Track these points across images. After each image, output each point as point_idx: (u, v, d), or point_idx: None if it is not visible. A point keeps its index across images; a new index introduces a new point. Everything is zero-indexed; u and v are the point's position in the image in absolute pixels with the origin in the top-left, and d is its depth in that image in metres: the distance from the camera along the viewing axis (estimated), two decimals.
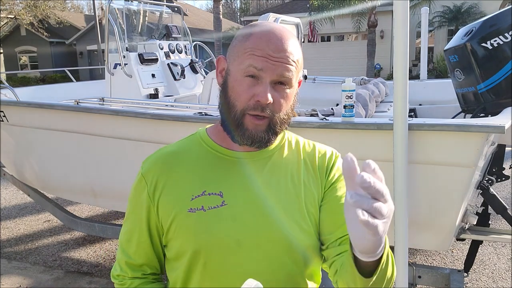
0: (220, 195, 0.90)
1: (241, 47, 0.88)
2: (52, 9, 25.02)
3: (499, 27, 2.29)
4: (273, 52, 0.85)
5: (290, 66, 0.86)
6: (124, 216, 1.02)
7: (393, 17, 1.88)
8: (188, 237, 0.90)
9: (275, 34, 0.87)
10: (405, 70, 1.88)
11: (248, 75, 0.86)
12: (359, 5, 15.26)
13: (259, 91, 0.85)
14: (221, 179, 0.92)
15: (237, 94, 0.87)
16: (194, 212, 0.89)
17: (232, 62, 0.90)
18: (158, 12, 5.23)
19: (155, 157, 0.97)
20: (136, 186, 0.97)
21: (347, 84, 2.26)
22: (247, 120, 0.87)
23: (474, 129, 1.93)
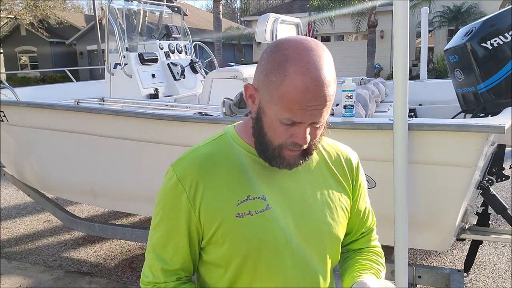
0: (264, 199, 0.92)
1: (276, 91, 0.83)
2: (52, 9, 25.03)
3: (499, 27, 2.29)
4: (312, 101, 0.82)
5: (325, 108, 0.84)
6: (153, 221, 0.98)
7: (393, 17, 1.88)
8: (238, 242, 0.90)
9: (313, 81, 0.81)
10: (405, 70, 1.88)
11: (286, 124, 0.85)
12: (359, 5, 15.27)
13: (297, 133, 0.86)
14: (262, 183, 0.93)
15: (274, 134, 0.88)
16: (242, 217, 0.90)
17: (267, 101, 0.86)
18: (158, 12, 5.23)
19: (189, 159, 0.94)
20: (172, 191, 0.93)
21: (347, 84, 2.26)
22: (285, 153, 0.89)
23: (474, 129, 1.93)
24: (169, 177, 0.94)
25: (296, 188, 0.96)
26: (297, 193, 0.96)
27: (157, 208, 0.97)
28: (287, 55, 0.82)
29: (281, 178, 0.95)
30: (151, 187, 3.00)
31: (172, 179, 0.93)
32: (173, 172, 0.94)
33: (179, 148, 2.70)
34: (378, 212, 2.30)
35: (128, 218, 4.63)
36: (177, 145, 2.70)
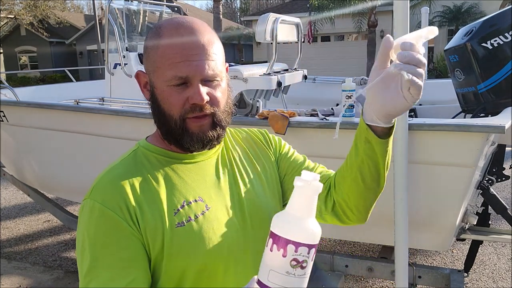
0: (201, 200, 0.87)
1: (156, 55, 0.83)
2: (52, 9, 25.03)
3: (499, 27, 2.29)
4: (191, 50, 0.81)
5: (212, 61, 0.83)
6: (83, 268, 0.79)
7: (393, 17, 1.88)
8: (187, 253, 0.82)
9: (185, 29, 0.82)
10: None
11: (175, 84, 0.82)
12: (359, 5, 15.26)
13: (191, 94, 0.82)
14: (192, 185, 0.88)
15: (170, 104, 0.84)
16: (184, 226, 0.82)
17: (153, 73, 0.85)
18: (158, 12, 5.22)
19: (105, 183, 0.83)
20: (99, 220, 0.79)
21: (347, 84, 2.26)
22: (190, 124, 0.84)
23: (474, 129, 1.93)
24: (89, 209, 0.81)
25: (225, 181, 0.92)
26: (229, 184, 0.92)
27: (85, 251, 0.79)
28: (159, 26, 0.86)
29: (209, 174, 0.92)
30: None
31: (94, 210, 0.80)
32: (92, 202, 0.81)
33: None
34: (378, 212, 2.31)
35: None
36: None
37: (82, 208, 0.83)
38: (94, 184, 0.85)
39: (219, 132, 0.88)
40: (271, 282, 0.62)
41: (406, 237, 2.02)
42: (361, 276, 3.20)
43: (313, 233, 0.64)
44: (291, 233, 0.62)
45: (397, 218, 2.01)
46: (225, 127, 0.89)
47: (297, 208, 0.64)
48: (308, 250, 0.62)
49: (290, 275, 0.61)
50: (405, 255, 2.04)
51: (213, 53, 0.83)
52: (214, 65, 0.83)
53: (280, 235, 0.62)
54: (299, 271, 0.62)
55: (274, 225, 0.64)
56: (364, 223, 1.02)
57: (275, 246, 0.62)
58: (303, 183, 0.64)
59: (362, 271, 2.56)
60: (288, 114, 2.32)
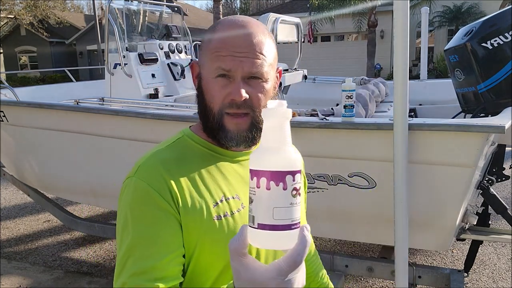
0: (238, 198, 0.89)
1: (207, 49, 0.87)
2: (52, 9, 25.03)
3: (499, 27, 2.29)
4: (238, 47, 0.83)
5: (257, 60, 0.84)
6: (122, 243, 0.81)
7: (393, 17, 1.88)
8: (219, 247, 0.83)
9: (237, 28, 0.85)
10: (405, 70, 1.88)
11: (218, 75, 0.84)
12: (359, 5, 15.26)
13: (231, 89, 0.84)
14: (232, 181, 0.90)
15: (211, 96, 0.86)
16: (221, 220, 0.84)
17: (202, 66, 0.89)
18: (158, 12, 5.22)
19: (152, 165, 0.85)
20: (143, 199, 0.81)
21: (347, 84, 2.26)
22: (227, 120, 0.86)
23: (474, 129, 1.93)
24: (134, 187, 0.82)
25: None
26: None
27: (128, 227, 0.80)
28: (217, 23, 0.89)
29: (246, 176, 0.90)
30: None
31: (139, 188, 0.82)
32: (138, 180, 0.82)
33: None
34: (378, 212, 2.31)
35: None
36: None
37: (126, 186, 0.84)
38: (140, 164, 0.86)
39: (256, 134, 0.88)
40: (277, 219, 0.61)
41: (406, 237, 2.02)
42: (361, 276, 3.20)
43: (298, 157, 0.63)
44: (285, 164, 0.61)
45: (397, 218, 2.00)
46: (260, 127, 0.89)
47: (274, 139, 0.63)
48: (299, 175, 0.62)
49: (293, 205, 0.61)
50: (405, 255, 2.04)
51: (260, 53, 0.84)
52: (259, 64, 0.84)
53: (275, 170, 0.61)
54: (298, 199, 0.62)
55: (259, 163, 0.62)
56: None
57: (272, 182, 0.60)
58: (270, 112, 0.63)
59: (362, 271, 2.56)
60: None
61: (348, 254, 3.48)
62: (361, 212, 2.37)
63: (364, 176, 2.23)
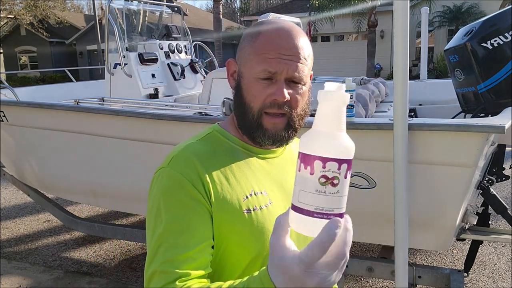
0: (266, 194, 0.91)
1: (251, 48, 0.89)
2: (52, 9, 25.03)
3: (499, 27, 2.29)
4: (285, 50, 0.86)
5: (301, 64, 0.87)
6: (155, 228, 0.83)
7: (393, 17, 1.88)
8: (248, 240, 0.85)
9: (284, 31, 0.87)
10: (405, 70, 1.88)
11: (263, 78, 0.87)
12: (359, 5, 15.26)
13: (275, 90, 0.86)
14: (260, 177, 0.92)
15: (252, 96, 0.88)
16: (250, 213, 0.86)
17: (244, 64, 0.90)
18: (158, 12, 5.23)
19: (185, 156, 0.87)
20: (176, 188, 0.83)
21: (347, 84, 2.26)
22: (266, 120, 0.89)
23: (474, 129, 1.93)
24: (168, 176, 0.85)
25: (289, 182, 0.94)
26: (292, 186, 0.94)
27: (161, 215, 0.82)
28: (260, 23, 0.92)
29: (275, 172, 0.95)
30: None
31: (173, 178, 0.84)
32: (172, 171, 0.85)
33: None
34: (378, 212, 2.31)
35: (128, 218, 4.62)
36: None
37: (159, 176, 0.86)
38: (174, 155, 0.88)
39: (291, 134, 0.91)
40: (302, 203, 0.60)
41: (406, 237, 2.01)
42: (361, 276, 3.20)
43: (343, 147, 0.59)
44: (316, 148, 0.58)
45: (397, 218, 2.00)
46: (297, 130, 0.93)
47: (323, 123, 0.60)
48: (338, 165, 0.58)
49: (320, 193, 0.58)
50: (405, 255, 2.04)
51: (304, 57, 0.87)
52: (302, 68, 0.87)
53: (305, 153, 0.59)
54: (330, 189, 0.58)
55: (300, 145, 0.61)
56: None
57: (302, 165, 0.60)
58: (326, 94, 0.60)
59: (362, 271, 2.56)
60: None
61: None
62: (361, 212, 2.37)
63: (364, 176, 2.23)
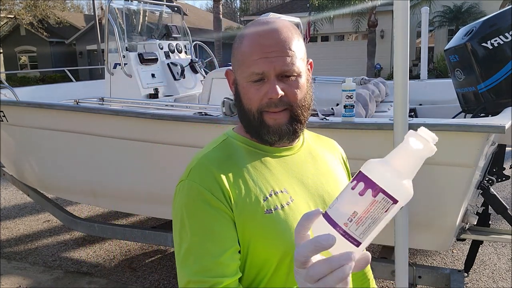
0: (286, 192, 0.90)
1: (239, 54, 0.91)
2: (52, 9, 25.00)
3: (499, 27, 2.29)
4: (267, 48, 0.86)
5: (288, 57, 0.86)
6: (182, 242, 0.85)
7: (393, 17, 1.88)
8: (273, 240, 0.85)
9: (265, 29, 0.88)
10: (405, 70, 1.88)
11: (254, 80, 0.88)
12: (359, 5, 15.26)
13: (267, 89, 0.87)
14: (279, 176, 0.92)
15: (249, 100, 0.90)
16: (271, 213, 0.86)
17: (237, 71, 0.92)
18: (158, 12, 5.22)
19: (202, 166, 0.88)
20: (198, 200, 0.84)
21: (347, 84, 2.26)
22: (266, 117, 0.90)
23: (475, 129, 1.93)
24: (188, 189, 0.86)
25: (310, 178, 0.96)
26: (313, 182, 0.95)
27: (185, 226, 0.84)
28: (246, 26, 0.93)
29: (294, 169, 0.95)
30: (151, 187, 3.00)
31: (193, 189, 0.85)
32: (191, 182, 0.86)
33: (179, 148, 2.70)
34: None
35: (128, 218, 4.62)
36: (177, 145, 2.70)
37: (180, 189, 0.88)
38: (192, 166, 0.89)
39: (296, 126, 0.92)
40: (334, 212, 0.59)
41: (406, 237, 2.01)
42: None
43: (401, 189, 0.58)
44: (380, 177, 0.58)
45: (397, 218, 2.00)
46: (303, 122, 0.93)
47: (401, 164, 0.59)
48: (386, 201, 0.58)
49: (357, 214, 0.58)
50: (405, 255, 2.04)
51: (289, 49, 0.87)
52: (290, 61, 0.87)
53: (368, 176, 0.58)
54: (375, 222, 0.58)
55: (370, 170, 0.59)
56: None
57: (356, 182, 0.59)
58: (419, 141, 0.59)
59: None
60: None
61: None
62: None
63: None
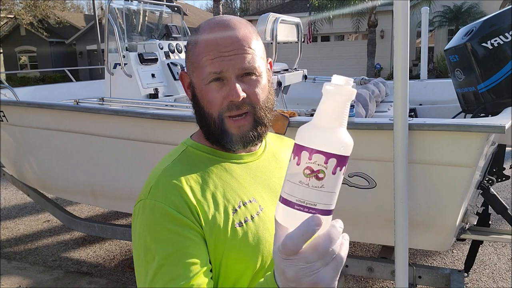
0: (255, 201, 0.86)
1: (194, 55, 0.85)
2: (52, 9, 25.01)
3: (499, 27, 2.29)
4: (224, 47, 0.81)
5: (248, 55, 0.82)
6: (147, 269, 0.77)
7: (393, 17, 1.88)
8: (246, 253, 0.81)
9: (220, 28, 0.83)
10: (405, 70, 1.88)
11: (211, 80, 0.82)
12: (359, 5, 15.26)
13: (228, 91, 0.81)
14: (246, 185, 0.87)
15: (208, 103, 0.84)
16: (242, 226, 0.82)
17: (192, 73, 0.86)
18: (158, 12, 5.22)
19: (165, 183, 0.81)
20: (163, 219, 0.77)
21: None
22: (229, 124, 0.84)
23: (475, 129, 1.93)
24: (150, 209, 0.79)
25: (276, 182, 0.91)
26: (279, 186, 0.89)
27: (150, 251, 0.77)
28: (199, 26, 0.87)
29: (260, 175, 0.91)
30: None
31: (156, 210, 0.78)
32: (153, 202, 0.79)
33: None
34: (378, 212, 2.31)
35: (128, 218, 4.62)
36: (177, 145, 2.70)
37: (140, 209, 0.81)
38: (152, 184, 0.82)
39: (261, 130, 0.86)
40: (286, 193, 0.58)
41: (406, 237, 2.01)
42: (361, 276, 3.20)
43: (336, 141, 0.57)
44: (307, 139, 0.57)
45: (397, 218, 2.00)
46: (267, 125, 0.88)
47: (324, 117, 0.58)
48: (326, 159, 0.56)
49: (303, 185, 0.57)
50: (405, 255, 2.04)
51: (248, 47, 0.82)
52: (249, 59, 0.82)
53: (297, 143, 0.58)
54: (313, 182, 0.56)
55: (296, 135, 0.59)
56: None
57: (292, 155, 0.59)
58: (333, 87, 0.58)
59: (362, 271, 2.56)
60: (288, 114, 2.32)
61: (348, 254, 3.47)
62: (361, 212, 2.36)
63: (364, 176, 2.23)
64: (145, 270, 0.77)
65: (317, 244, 0.57)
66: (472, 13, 16.57)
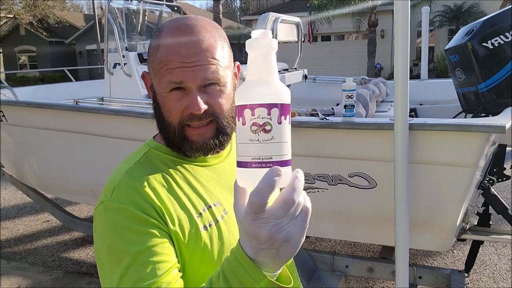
0: (219, 204, 0.85)
1: (155, 60, 0.81)
2: (52, 9, 24.98)
3: (499, 26, 2.28)
4: (186, 58, 0.77)
5: (211, 65, 0.78)
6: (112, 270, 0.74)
7: (394, 16, 1.87)
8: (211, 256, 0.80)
9: (183, 34, 0.79)
10: (405, 70, 1.87)
11: (172, 89, 0.80)
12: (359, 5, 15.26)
13: (188, 102, 0.79)
14: (210, 187, 0.86)
15: (168, 111, 0.82)
16: (206, 230, 0.81)
17: (154, 78, 0.83)
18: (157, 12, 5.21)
19: (127, 185, 0.79)
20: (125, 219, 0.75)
21: (347, 84, 2.25)
22: (189, 132, 0.82)
23: (475, 129, 1.92)
24: (113, 211, 0.76)
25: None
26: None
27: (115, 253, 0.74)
28: (161, 29, 0.83)
29: (224, 177, 0.89)
30: None
31: (119, 211, 0.75)
32: (116, 204, 0.76)
33: None
34: (378, 212, 2.30)
35: None
36: None
37: (103, 212, 0.78)
38: (115, 186, 0.79)
39: (223, 139, 0.85)
40: (240, 156, 0.58)
41: (406, 237, 2.01)
42: (362, 277, 3.19)
43: (271, 91, 0.57)
44: (245, 97, 0.58)
45: (398, 218, 2.00)
46: (230, 134, 0.86)
47: (252, 72, 0.59)
48: (268, 110, 0.56)
49: (253, 142, 0.57)
50: (405, 256, 2.03)
51: (212, 57, 0.79)
52: (213, 69, 0.79)
53: (237, 104, 0.59)
54: (263, 136, 0.57)
55: (238, 97, 0.59)
56: None
57: (237, 118, 0.59)
58: (252, 42, 0.58)
59: (363, 272, 2.56)
60: None
61: (348, 255, 3.47)
62: (362, 212, 2.36)
63: (364, 176, 2.22)
64: (110, 272, 0.74)
65: (284, 197, 0.56)
66: (472, 13, 16.57)
